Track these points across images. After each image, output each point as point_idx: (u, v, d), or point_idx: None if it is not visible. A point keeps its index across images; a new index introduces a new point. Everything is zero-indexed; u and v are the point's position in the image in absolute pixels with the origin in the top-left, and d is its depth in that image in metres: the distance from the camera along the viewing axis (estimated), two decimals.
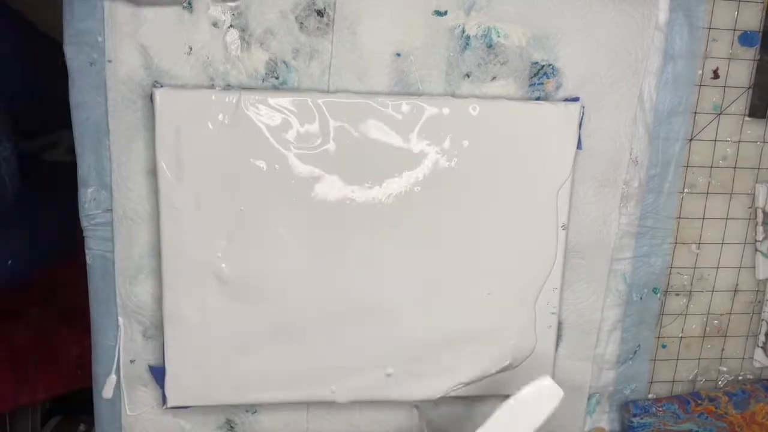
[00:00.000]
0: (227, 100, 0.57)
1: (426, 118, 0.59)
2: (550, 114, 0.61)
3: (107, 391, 0.63)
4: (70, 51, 0.56)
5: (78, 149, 0.58)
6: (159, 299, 0.61)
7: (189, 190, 0.58)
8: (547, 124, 0.61)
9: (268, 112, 0.57)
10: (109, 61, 0.56)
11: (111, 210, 0.60)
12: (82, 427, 1.07)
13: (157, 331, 0.62)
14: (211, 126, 0.57)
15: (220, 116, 0.57)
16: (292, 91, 0.58)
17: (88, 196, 0.59)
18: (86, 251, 0.61)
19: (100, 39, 0.56)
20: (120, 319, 0.62)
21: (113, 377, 0.63)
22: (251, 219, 0.59)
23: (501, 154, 0.61)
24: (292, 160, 0.58)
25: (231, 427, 0.66)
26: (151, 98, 0.56)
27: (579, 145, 0.62)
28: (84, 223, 0.60)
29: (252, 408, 0.66)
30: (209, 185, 0.58)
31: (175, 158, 0.57)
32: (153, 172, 0.58)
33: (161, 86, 0.57)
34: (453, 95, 0.61)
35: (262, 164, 0.58)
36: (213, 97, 0.57)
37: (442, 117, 0.59)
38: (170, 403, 0.62)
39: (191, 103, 0.57)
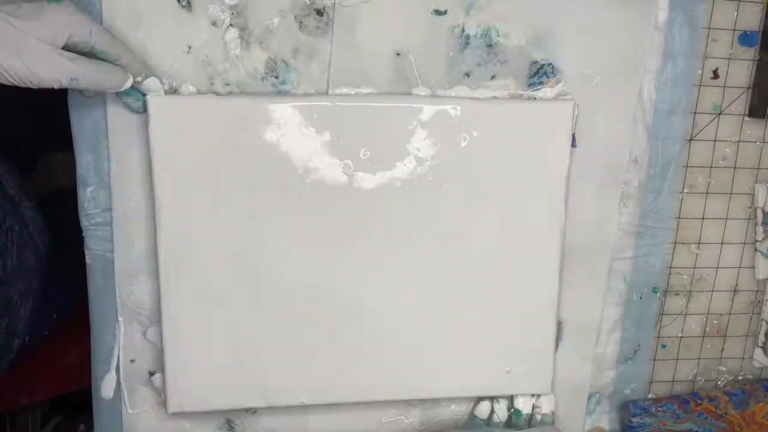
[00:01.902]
0: (223, 103, 0.57)
1: (425, 117, 0.59)
2: (544, 112, 0.61)
3: (107, 391, 0.63)
4: None
5: (77, 148, 0.58)
6: (158, 299, 0.61)
7: (187, 191, 0.58)
8: (542, 123, 0.61)
9: (266, 115, 0.57)
10: None
11: (110, 209, 0.59)
12: (82, 427, 1.07)
13: (156, 330, 0.62)
14: (208, 127, 0.57)
15: (217, 118, 0.57)
16: (291, 97, 0.58)
17: (87, 196, 0.59)
18: (86, 251, 0.61)
19: None
20: (120, 318, 0.62)
21: (113, 377, 0.63)
22: (250, 220, 0.59)
23: (499, 152, 0.61)
24: (292, 161, 0.58)
25: (231, 427, 0.66)
26: (144, 104, 0.56)
27: (573, 143, 0.62)
28: (84, 222, 0.60)
29: (252, 408, 0.65)
30: (208, 186, 0.58)
31: (172, 160, 0.57)
32: (152, 171, 0.58)
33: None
34: (452, 94, 0.61)
35: (262, 165, 0.58)
36: (209, 101, 0.57)
37: (441, 116, 0.59)
38: (170, 409, 0.61)
39: (186, 107, 0.57)
